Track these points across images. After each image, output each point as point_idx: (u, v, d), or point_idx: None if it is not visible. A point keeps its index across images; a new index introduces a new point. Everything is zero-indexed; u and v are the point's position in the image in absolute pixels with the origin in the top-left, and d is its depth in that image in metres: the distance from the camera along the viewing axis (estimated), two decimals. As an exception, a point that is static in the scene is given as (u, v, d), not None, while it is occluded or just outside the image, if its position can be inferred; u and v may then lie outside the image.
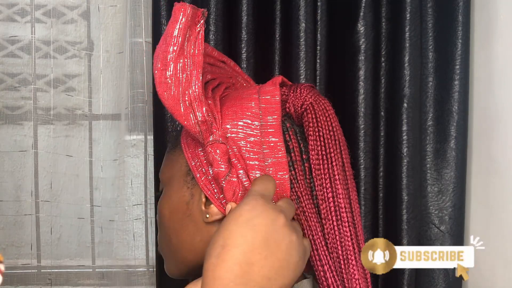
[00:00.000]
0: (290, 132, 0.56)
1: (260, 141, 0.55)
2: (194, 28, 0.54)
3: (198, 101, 0.53)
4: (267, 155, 0.55)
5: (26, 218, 1.06)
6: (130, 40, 1.00)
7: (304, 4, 0.85)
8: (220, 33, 0.86)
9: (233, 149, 0.55)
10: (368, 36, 0.88)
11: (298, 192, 0.55)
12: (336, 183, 0.55)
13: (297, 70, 0.86)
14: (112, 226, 1.05)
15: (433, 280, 0.90)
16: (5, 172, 1.06)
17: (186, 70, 0.53)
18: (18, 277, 1.07)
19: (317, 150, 0.55)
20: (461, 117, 0.88)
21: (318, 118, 0.56)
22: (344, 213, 0.54)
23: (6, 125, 1.05)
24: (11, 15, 1.03)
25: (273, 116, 0.55)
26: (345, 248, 0.54)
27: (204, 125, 0.54)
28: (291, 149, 0.56)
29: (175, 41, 0.53)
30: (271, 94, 0.56)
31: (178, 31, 0.53)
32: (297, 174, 0.55)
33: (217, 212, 0.56)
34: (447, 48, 0.88)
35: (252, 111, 0.56)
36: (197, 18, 0.54)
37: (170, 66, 0.53)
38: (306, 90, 0.57)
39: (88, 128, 1.06)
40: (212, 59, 0.65)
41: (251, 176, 0.54)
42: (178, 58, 0.53)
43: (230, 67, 0.67)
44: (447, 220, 0.90)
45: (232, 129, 0.55)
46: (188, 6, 0.53)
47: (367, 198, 0.90)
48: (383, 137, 0.90)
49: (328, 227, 0.54)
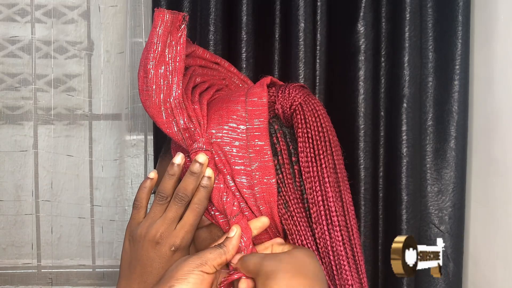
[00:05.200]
0: (278, 135, 0.55)
1: (246, 145, 0.53)
2: (175, 33, 0.53)
3: (179, 108, 0.52)
4: (253, 159, 0.53)
5: (26, 218, 1.06)
6: (130, 40, 1.00)
7: (303, 4, 0.85)
8: (219, 33, 0.86)
9: (219, 154, 0.54)
10: (368, 36, 0.88)
11: (286, 196, 0.54)
12: (326, 186, 0.53)
13: (296, 70, 0.86)
14: (112, 226, 1.06)
15: (433, 280, 0.90)
16: (6, 172, 1.06)
17: (167, 77, 0.52)
18: (18, 277, 1.07)
19: (306, 152, 0.53)
20: (461, 117, 0.88)
21: (307, 118, 0.54)
22: (335, 216, 0.53)
23: (7, 125, 1.06)
24: (11, 15, 1.03)
25: (260, 119, 0.54)
26: (336, 253, 0.53)
27: (186, 132, 0.53)
28: (278, 151, 0.54)
29: (154, 48, 0.53)
30: (258, 96, 0.55)
31: (157, 37, 0.53)
32: (285, 177, 0.54)
33: (205, 219, 0.55)
34: (447, 48, 0.88)
35: (238, 114, 0.54)
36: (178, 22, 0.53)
37: (151, 73, 0.52)
38: (295, 90, 0.55)
39: (88, 128, 1.06)
40: (204, 61, 0.64)
41: (237, 181, 0.53)
42: (159, 65, 0.53)
43: (224, 68, 0.66)
44: (447, 220, 0.90)
45: (217, 133, 0.54)
46: (166, 12, 0.53)
47: (367, 198, 0.89)
48: (383, 137, 0.90)
49: (319, 232, 0.53)
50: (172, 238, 0.52)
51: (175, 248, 0.52)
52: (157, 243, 0.52)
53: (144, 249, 0.53)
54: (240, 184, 0.53)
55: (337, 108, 0.90)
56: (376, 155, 0.90)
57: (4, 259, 1.09)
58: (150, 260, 0.52)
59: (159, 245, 0.52)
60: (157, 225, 0.53)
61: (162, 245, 0.52)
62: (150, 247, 0.52)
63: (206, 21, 0.86)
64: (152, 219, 0.54)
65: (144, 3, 0.99)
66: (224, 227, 0.54)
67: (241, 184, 0.53)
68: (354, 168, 0.88)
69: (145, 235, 0.53)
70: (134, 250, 0.54)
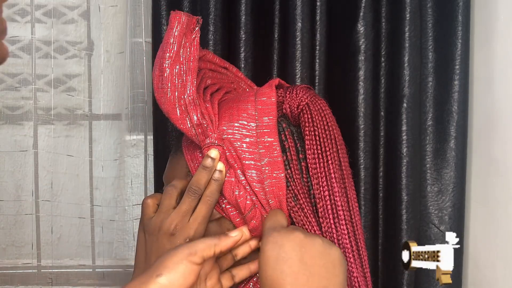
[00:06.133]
0: (286, 132, 0.58)
1: (256, 141, 0.56)
2: (189, 35, 0.57)
3: (193, 105, 0.55)
4: (263, 155, 0.56)
5: (26, 218, 1.06)
6: (130, 40, 1.00)
7: (301, 4, 0.85)
8: (219, 33, 0.86)
9: (230, 150, 0.56)
10: (368, 36, 0.88)
11: (295, 190, 0.56)
12: (332, 181, 0.56)
13: (293, 70, 0.86)
14: (112, 226, 1.06)
15: (433, 280, 0.90)
16: (5, 172, 1.06)
17: (181, 76, 0.55)
18: (18, 277, 1.07)
19: (313, 149, 0.56)
20: (461, 117, 0.88)
21: (313, 118, 0.57)
22: (341, 211, 0.55)
23: (6, 125, 1.06)
24: (11, 15, 1.03)
25: (269, 117, 0.57)
26: (342, 246, 0.55)
27: (199, 128, 0.56)
28: (286, 148, 0.57)
29: (170, 48, 0.56)
30: (267, 96, 0.58)
31: (174, 38, 0.56)
32: (293, 172, 0.56)
33: (216, 212, 0.58)
34: (447, 48, 0.88)
35: (248, 112, 0.57)
36: (192, 25, 0.57)
37: (166, 71, 0.55)
38: (302, 91, 0.59)
39: (88, 128, 1.06)
40: (214, 65, 0.67)
41: (247, 175, 0.56)
42: (174, 64, 0.56)
43: (233, 73, 0.69)
44: (447, 220, 0.90)
45: (228, 130, 0.57)
46: (183, 14, 0.56)
47: (367, 198, 0.89)
48: (383, 137, 0.90)
49: (326, 226, 0.55)
50: (186, 230, 0.55)
51: (189, 240, 0.54)
52: (172, 235, 0.55)
53: (159, 241, 0.55)
54: (250, 178, 0.56)
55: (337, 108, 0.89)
56: (376, 155, 0.90)
57: (4, 259, 1.09)
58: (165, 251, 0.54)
59: (174, 237, 0.55)
60: (171, 218, 0.55)
61: (177, 237, 0.55)
62: (165, 239, 0.55)
63: (206, 21, 0.86)
64: (165, 213, 0.56)
65: (144, 3, 0.99)
66: (235, 220, 0.57)
67: (251, 178, 0.56)
68: (354, 168, 0.88)
69: (160, 227, 0.55)
70: (150, 242, 0.56)
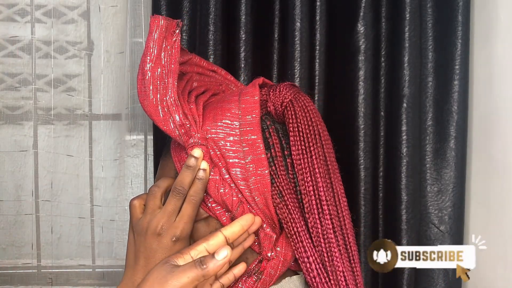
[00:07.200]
0: (270, 130, 0.58)
1: (240, 139, 0.57)
2: (170, 38, 0.58)
3: (175, 106, 0.56)
4: (247, 153, 0.57)
5: (26, 218, 1.06)
6: (130, 40, 1.00)
7: (300, 4, 0.85)
8: (219, 33, 0.86)
9: (214, 149, 0.57)
10: (368, 36, 0.88)
11: (280, 186, 0.57)
12: (317, 176, 0.56)
13: (292, 69, 0.86)
14: (112, 226, 1.06)
15: (432, 280, 0.90)
16: (5, 172, 1.06)
17: (163, 78, 0.57)
18: (18, 277, 1.07)
19: (297, 145, 0.57)
20: (461, 117, 0.88)
21: (297, 114, 0.57)
22: (326, 205, 0.56)
23: (6, 125, 1.06)
24: (11, 15, 1.03)
25: (252, 115, 0.57)
26: (327, 240, 0.55)
27: (182, 129, 0.57)
28: (271, 145, 0.58)
29: (151, 51, 0.57)
30: (250, 95, 0.58)
31: (153, 42, 0.57)
32: (278, 169, 0.57)
33: (203, 211, 0.59)
34: (447, 48, 0.88)
35: (232, 111, 0.58)
36: (172, 28, 0.58)
37: (148, 74, 0.57)
38: (286, 88, 0.59)
39: (88, 128, 1.06)
40: (201, 69, 0.68)
41: (232, 173, 0.57)
42: (156, 67, 0.57)
43: (221, 76, 0.70)
44: (447, 220, 0.90)
45: (212, 130, 0.58)
46: (161, 18, 0.58)
47: (367, 198, 0.89)
48: (383, 137, 0.90)
49: (312, 221, 0.56)
50: (172, 229, 0.56)
51: (176, 239, 0.56)
52: (158, 234, 0.56)
53: (147, 241, 0.57)
54: (235, 176, 0.56)
55: (337, 108, 0.90)
56: (376, 155, 0.90)
57: (4, 259, 1.09)
58: (153, 251, 0.56)
59: (160, 237, 0.56)
60: (157, 218, 0.56)
61: (164, 237, 0.56)
62: (152, 239, 0.56)
63: (206, 21, 0.86)
64: (151, 213, 0.57)
65: (144, 3, 0.99)
66: (221, 219, 0.58)
67: (235, 176, 0.56)
68: (354, 168, 0.89)
69: (147, 228, 0.57)
70: (138, 243, 0.58)
